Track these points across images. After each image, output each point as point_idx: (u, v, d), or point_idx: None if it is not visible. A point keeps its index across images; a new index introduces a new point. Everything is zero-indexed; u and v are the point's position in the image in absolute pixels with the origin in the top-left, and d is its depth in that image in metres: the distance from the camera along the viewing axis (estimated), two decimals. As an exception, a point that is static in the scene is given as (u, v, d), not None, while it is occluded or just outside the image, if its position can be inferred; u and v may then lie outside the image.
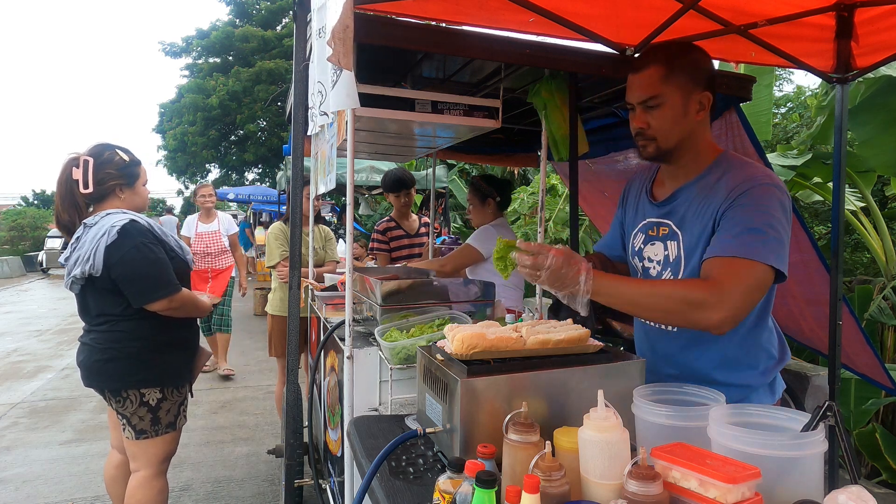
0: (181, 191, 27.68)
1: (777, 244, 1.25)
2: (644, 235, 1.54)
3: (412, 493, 1.10)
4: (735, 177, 1.34)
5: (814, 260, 2.53)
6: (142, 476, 2.20)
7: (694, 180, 1.43)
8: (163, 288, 2.11)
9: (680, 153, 1.43)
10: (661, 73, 1.36)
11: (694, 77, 1.36)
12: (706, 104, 1.39)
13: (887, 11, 1.93)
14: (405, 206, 4.05)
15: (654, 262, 1.50)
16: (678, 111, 1.37)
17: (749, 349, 1.44)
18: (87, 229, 2.10)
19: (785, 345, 1.53)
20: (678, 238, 1.43)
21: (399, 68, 2.41)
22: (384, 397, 1.89)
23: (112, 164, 2.20)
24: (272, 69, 19.09)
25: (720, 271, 1.25)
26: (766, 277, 1.25)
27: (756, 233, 1.25)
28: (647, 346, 1.59)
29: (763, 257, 1.23)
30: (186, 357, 2.33)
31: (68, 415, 4.75)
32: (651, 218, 1.53)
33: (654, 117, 1.39)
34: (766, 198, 1.29)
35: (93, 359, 2.14)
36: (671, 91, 1.36)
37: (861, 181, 4.55)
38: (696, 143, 1.42)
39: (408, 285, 2.03)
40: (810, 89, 9.58)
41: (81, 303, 2.21)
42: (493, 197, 3.07)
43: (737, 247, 1.24)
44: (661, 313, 1.32)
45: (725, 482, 0.80)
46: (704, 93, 1.38)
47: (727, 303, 1.21)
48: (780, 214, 1.28)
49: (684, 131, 1.39)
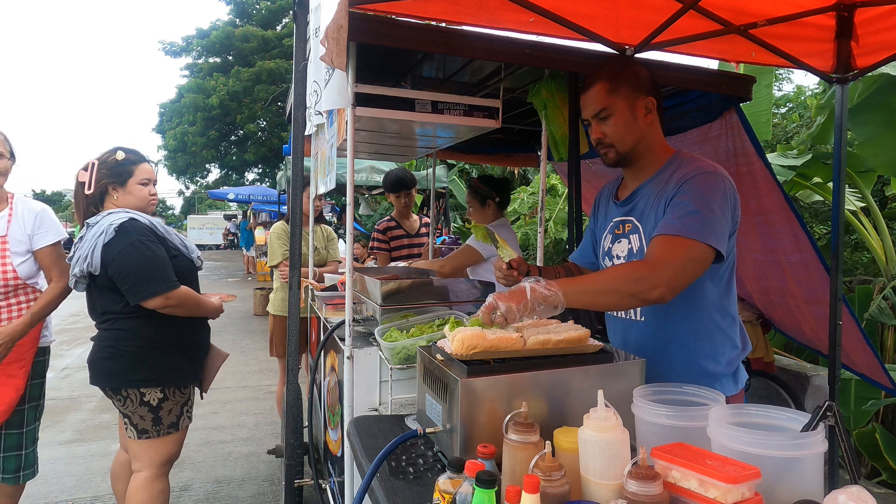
0: (181, 191, 27.70)
1: (715, 225, 1.36)
2: (612, 235, 1.65)
3: (412, 493, 1.10)
4: (685, 168, 1.48)
5: (814, 260, 2.53)
6: (143, 477, 2.20)
7: (651, 178, 1.57)
8: (158, 284, 2.10)
9: (637, 155, 1.57)
10: (605, 87, 1.53)
11: (635, 86, 1.52)
12: (652, 108, 1.53)
13: (887, 11, 1.93)
14: (406, 207, 4.06)
15: (621, 257, 1.61)
16: (627, 117, 1.52)
17: (713, 339, 1.53)
18: (88, 228, 2.13)
19: (746, 336, 1.63)
20: (639, 231, 1.56)
21: (399, 68, 2.41)
22: (384, 397, 1.89)
23: (106, 164, 2.22)
24: (272, 69, 19.11)
25: (660, 249, 1.37)
26: (704, 255, 1.36)
27: (694, 215, 1.36)
28: (620, 338, 1.67)
29: (700, 236, 1.34)
30: (191, 357, 2.31)
31: (68, 415, 4.75)
32: (616, 217, 1.65)
33: (608, 126, 1.55)
34: (708, 183, 1.41)
35: (96, 357, 2.17)
36: (617, 101, 1.52)
37: (861, 181, 4.55)
38: (650, 144, 1.57)
39: (408, 285, 2.03)
40: (810, 89, 9.59)
41: (89, 301, 2.23)
42: (492, 198, 3.07)
43: (678, 227, 1.36)
44: (616, 297, 1.38)
45: (725, 482, 0.80)
46: (648, 98, 1.52)
47: (664, 276, 1.32)
48: (720, 198, 1.39)
49: (637, 134, 1.54)
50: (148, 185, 2.29)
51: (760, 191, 2.51)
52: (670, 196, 1.44)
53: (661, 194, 1.49)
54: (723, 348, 1.54)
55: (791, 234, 2.57)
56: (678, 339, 1.53)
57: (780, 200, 2.49)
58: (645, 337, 1.58)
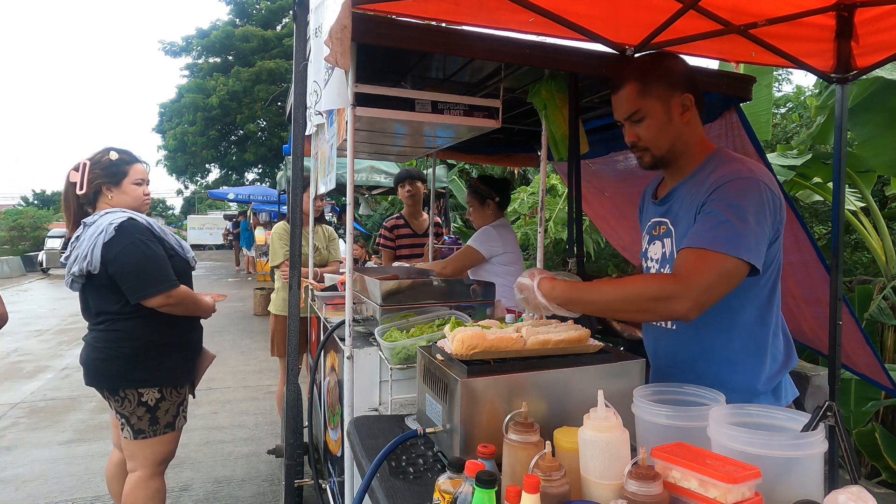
0: (181, 191, 27.66)
1: (749, 236, 1.25)
2: (649, 236, 1.58)
3: (412, 493, 1.10)
4: (721, 171, 1.36)
5: (814, 260, 2.53)
6: (138, 476, 2.21)
7: (688, 177, 1.46)
8: (159, 283, 2.11)
9: (675, 156, 1.47)
10: (637, 88, 1.43)
11: (669, 83, 1.41)
12: (689, 105, 1.43)
13: (887, 11, 1.93)
14: (412, 198, 4.05)
15: (654, 260, 1.53)
16: (662, 119, 1.42)
17: (751, 351, 1.42)
18: (86, 228, 2.13)
19: (792, 350, 1.50)
20: (672, 235, 1.46)
21: (399, 68, 2.41)
22: (384, 397, 1.89)
23: (99, 164, 2.22)
24: (272, 69, 19.09)
25: (688, 264, 1.27)
26: (736, 269, 1.25)
27: (726, 226, 1.25)
28: (652, 346, 1.60)
29: (732, 249, 1.23)
30: (186, 358, 2.33)
31: (68, 415, 4.75)
32: (654, 218, 1.56)
33: (642, 129, 1.45)
34: (745, 190, 1.30)
35: (92, 357, 2.16)
36: (650, 103, 1.42)
37: (861, 181, 4.54)
38: (688, 143, 1.46)
39: (408, 285, 2.03)
40: (810, 89, 9.58)
41: (83, 302, 2.23)
42: (492, 198, 3.07)
43: (708, 240, 1.26)
44: (634, 312, 1.34)
45: (725, 482, 0.80)
46: (685, 94, 1.42)
47: (692, 294, 1.22)
48: (756, 207, 1.28)
49: (673, 136, 1.44)
50: (142, 185, 2.31)
51: (760, 191, 2.51)
52: (701, 202, 1.34)
53: (695, 197, 1.38)
54: (760, 364, 1.42)
55: (791, 234, 2.57)
56: (708, 353, 1.44)
57: (780, 200, 2.49)
58: (675, 347, 1.50)
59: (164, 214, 43.11)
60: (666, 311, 1.27)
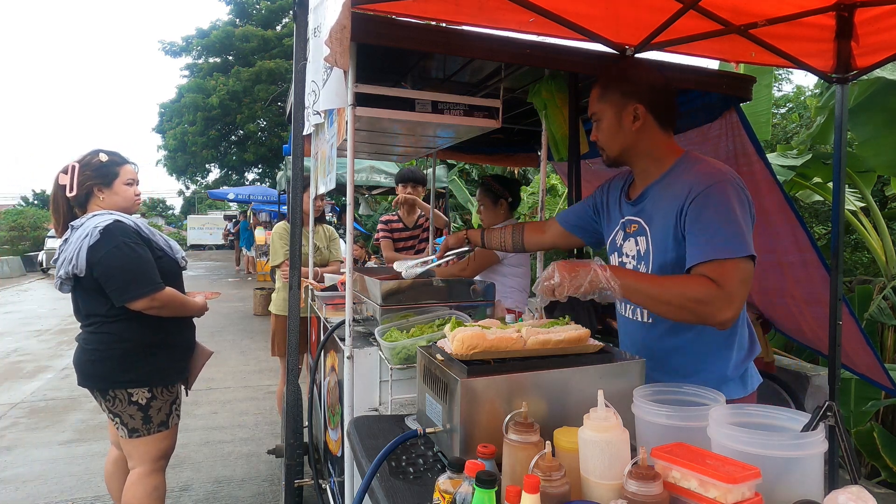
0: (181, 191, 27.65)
1: (745, 234, 1.36)
2: (623, 232, 1.64)
3: (412, 493, 1.10)
4: (691, 174, 1.44)
5: (814, 260, 2.53)
6: (137, 473, 2.22)
7: (657, 180, 1.54)
8: (143, 286, 2.11)
9: (630, 159, 1.58)
10: (597, 92, 1.56)
11: (624, 91, 1.51)
12: (641, 115, 1.50)
13: (887, 11, 1.93)
14: (405, 202, 4.08)
15: (630, 256, 1.60)
16: (613, 124, 1.54)
17: (721, 343, 1.51)
18: (73, 231, 2.14)
19: (755, 337, 1.61)
20: (647, 233, 1.54)
21: (399, 68, 2.41)
22: (384, 397, 1.89)
23: (90, 166, 2.22)
24: (272, 69, 19.08)
25: (715, 274, 1.33)
26: (750, 266, 1.35)
27: (727, 232, 1.35)
28: (628, 338, 1.67)
29: (741, 251, 1.33)
30: (176, 357, 2.33)
31: (68, 415, 4.75)
32: (628, 216, 1.63)
33: (598, 130, 1.58)
34: (725, 195, 1.38)
35: (83, 359, 2.18)
36: (604, 108, 1.54)
37: (861, 181, 4.54)
38: (645, 150, 1.54)
39: (408, 285, 2.03)
40: (810, 89, 9.58)
41: (74, 304, 2.24)
42: (505, 198, 3.05)
43: (720, 249, 1.34)
44: (675, 309, 1.37)
45: (725, 482, 0.80)
46: (638, 105, 1.50)
47: (734, 301, 1.31)
48: (739, 208, 1.38)
49: (623, 142, 1.54)
50: (133, 186, 2.31)
51: (760, 191, 2.51)
52: (684, 205, 1.40)
53: (670, 198, 1.46)
54: (727, 352, 1.52)
55: (791, 234, 2.57)
56: (683, 346, 1.52)
57: (780, 200, 2.49)
58: (651, 339, 1.57)
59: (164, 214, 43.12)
60: (706, 314, 1.32)
